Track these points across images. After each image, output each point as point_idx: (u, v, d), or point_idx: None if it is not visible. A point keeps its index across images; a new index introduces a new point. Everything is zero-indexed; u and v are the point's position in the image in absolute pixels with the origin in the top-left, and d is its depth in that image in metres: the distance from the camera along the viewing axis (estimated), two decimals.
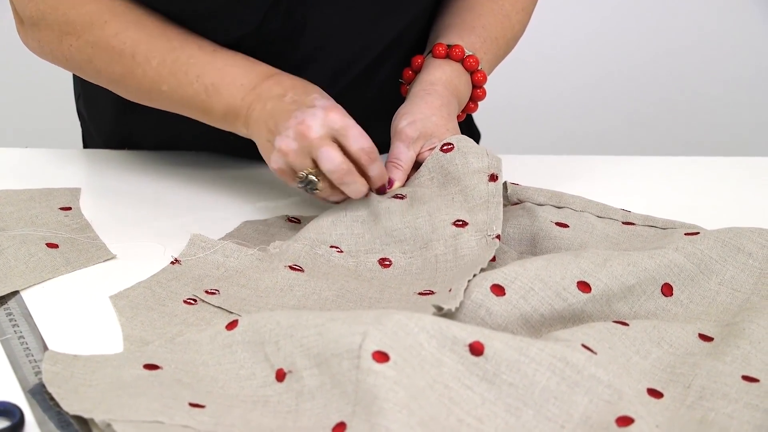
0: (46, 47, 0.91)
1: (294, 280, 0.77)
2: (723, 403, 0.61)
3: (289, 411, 0.60)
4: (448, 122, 0.89)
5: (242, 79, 0.86)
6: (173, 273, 0.79)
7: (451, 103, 0.91)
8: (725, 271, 0.76)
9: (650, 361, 0.65)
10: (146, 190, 0.97)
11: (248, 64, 0.87)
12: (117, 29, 0.87)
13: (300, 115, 0.81)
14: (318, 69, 0.94)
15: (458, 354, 0.60)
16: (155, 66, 0.87)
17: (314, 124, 0.80)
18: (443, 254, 0.80)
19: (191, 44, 0.87)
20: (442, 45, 0.94)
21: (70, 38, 0.88)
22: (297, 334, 0.62)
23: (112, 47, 0.87)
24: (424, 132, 0.88)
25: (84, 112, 1.14)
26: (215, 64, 0.86)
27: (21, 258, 0.79)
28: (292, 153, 0.81)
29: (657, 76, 2.41)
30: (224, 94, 0.86)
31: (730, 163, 1.08)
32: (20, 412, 0.60)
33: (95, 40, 0.87)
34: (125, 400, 0.60)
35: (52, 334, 0.70)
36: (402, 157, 0.87)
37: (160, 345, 0.67)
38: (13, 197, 0.92)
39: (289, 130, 0.81)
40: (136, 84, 0.89)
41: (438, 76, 0.92)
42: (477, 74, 0.95)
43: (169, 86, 0.87)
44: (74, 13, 0.87)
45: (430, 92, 0.91)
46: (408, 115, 0.88)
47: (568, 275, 0.71)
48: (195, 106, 0.88)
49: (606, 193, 0.93)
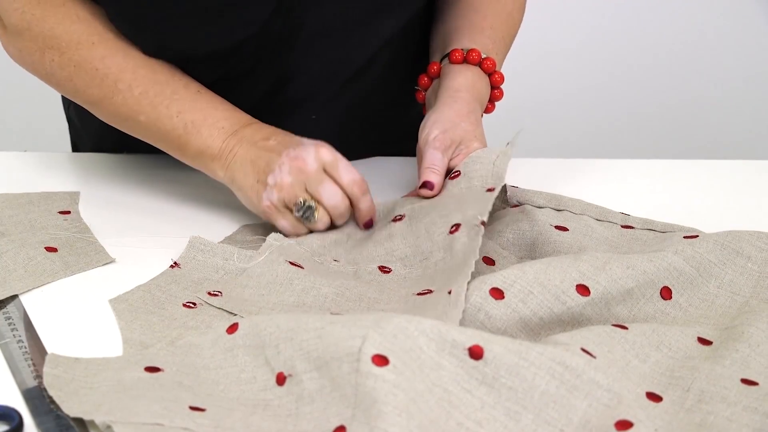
0: (27, 58, 0.91)
1: (294, 273, 0.78)
2: (722, 407, 0.61)
3: (289, 414, 0.60)
4: (476, 128, 0.91)
5: (223, 122, 0.87)
6: (172, 276, 0.79)
7: (476, 110, 0.93)
8: (724, 274, 0.76)
9: (649, 364, 0.65)
10: (145, 193, 0.97)
11: (230, 109, 0.89)
12: (104, 53, 0.88)
13: (292, 151, 0.83)
14: (314, 68, 0.95)
15: (458, 357, 0.60)
16: (137, 95, 0.88)
17: (308, 158, 0.83)
18: (441, 259, 0.80)
19: (177, 81, 0.89)
20: (459, 50, 0.95)
21: (53, 53, 0.88)
22: (297, 337, 0.62)
23: (96, 69, 0.88)
24: (454, 140, 0.89)
25: (75, 117, 1.14)
26: (198, 104, 0.88)
27: (20, 262, 0.79)
28: (288, 186, 0.83)
29: (656, 79, 2.41)
30: (203, 134, 0.87)
31: (730, 166, 1.08)
32: (19, 416, 0.60)
33: (79, 59, 0.88)
34: (126, 402, 0.60)
35: (51, 338, 0.70)
36: (438, 164, 0.88)
37: (161, 348, 0.67)
38: (12, 201, 0.92)
39: (284, 165, 0.83)
40: (113, 109, 0.89)
41: (461, 82, 0.94)
42: (494, 75, 0.97)
43: (147, 117, 0.88)
44: (61, 29, 0.88)
45: (456, 99, 0.92)
46: (438, 123, 0.90)
47: (567, 278, 0.71)
48: (170, 140, 0.89)
49: (605, 196, 0.93)
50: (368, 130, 1.04)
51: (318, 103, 0.97)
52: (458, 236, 0.80)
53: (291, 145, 0.84)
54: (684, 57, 2.40)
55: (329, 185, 0.83)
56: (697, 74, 2.41)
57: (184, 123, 0.87)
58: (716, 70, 2.41)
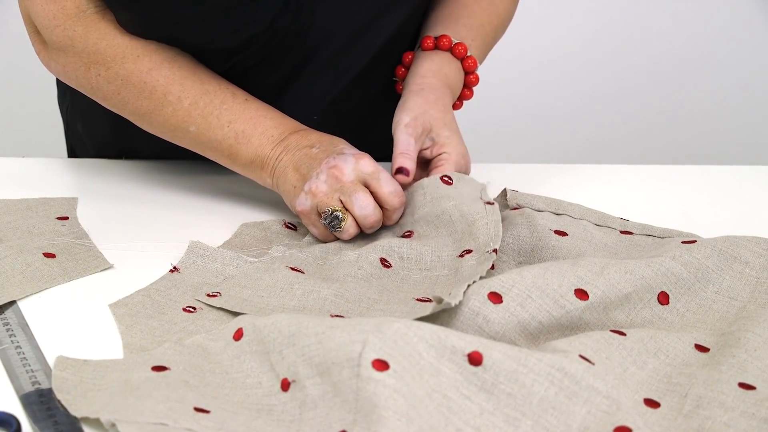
0: (72, 73, 0.91)
1: (294, 278, 0.78)
2: (720, 412, 0.61)
3: (292, 420, 0.60)
4: (445, 115, 0.92)
5: (272, 131, 0.89)
6: (172, 281, 0.79)
7: (445, 95, 0.94)
8: (722, 279, 0.76)
9: (647, 371, 0.65)
10: (143, 198, 0.97)
11: (279, 116, 0.90)
12: (150, 65, 0.88)
13: (332, 160, 0.85)
14: (324, 64, 0.95)
15: (457, 363, 0.60)
16: (186, 106, 0.89)
17: (346, 168, 0.84)
18: (445, 276, 0.80)
19: (224, 90, 0.90)
20: (430, 37, 0.97)
21: (99, 68, 0.89)
22: (299, 342, 0.62)
23: (144, 82, 0.88)
24: (425, 127, 0.90)
25: (75, 123, 1.14)
26: (248, 113, 0.89)
27: (18, 268, 0.79)
28: (321, 194, 0.84)
29: (655, 85, 2.41)
30: (254, 143, 0.89)
31: (728, 171, 1.08)
32: (17, 422, 0.60)
33: (126, 73, 0.88)
34: (131, 402, 0.60)
35: (50, 343, 0.70)
36: (411, 149, 0.89)
37: (169, 347, 0.68)
38: (10, 207, 0.92)
39: (322, 173, 0.85)
40: (162, 120, 0.90)
41: (427, 67, 0.95)
42: (467, 60, 0.98)
43: (197, 128, 0.89)
44: (105, 44, 0.88)
45: (422, 86, 0.93)
46: (408, 111, 0.91)
47: (565, 283, 0.71)
48: (221, 150, 0.90)
49: (604, 201, 0.93)
50: (369, 133, 1.04)
51: (322, 103, 0.98)
52: (467, 259, 0.80)
53: (333, 153, 0.86)
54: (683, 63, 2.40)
55: (362, 195, 0.84)
56: (696, 80, 2.41)
57: (234, 133, 0.89)
58: (715, 76, 2.41)
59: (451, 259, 0.82)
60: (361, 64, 0.97)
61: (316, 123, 0.95)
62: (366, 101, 1.01)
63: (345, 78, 0.97)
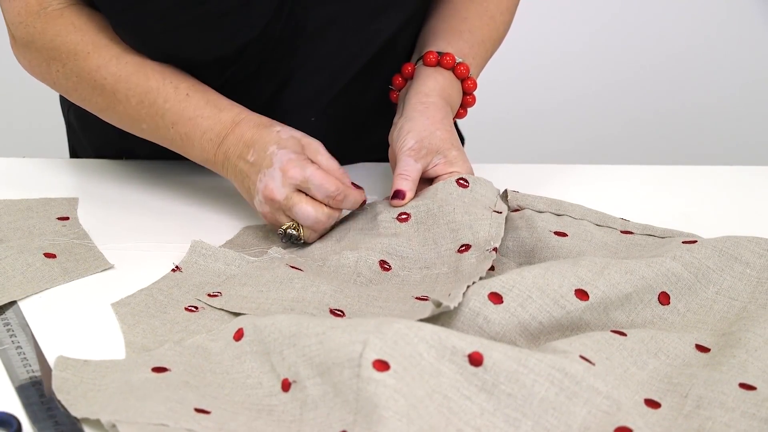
0: (36, 69, 0.92)
1: (294, 274, 0.78)
2: (720, 412, 0.61)
3: (293, 420, 0.60)
4: (451, 136, 0.91)
5: (210, 134, 0.88)
6: (174, 280, 0.79)
7: (449, 115, 0.93)
8: (722, 280, 0.76)
9: (647, 372, 0.65)
10: (144, 198, 0.97)
11: (215, 111, 0.88)
12: (99, 63, 0.88)
13: (263, 178, 0.84)
14: (318, 67, 0.95)
15: (457, 364, 0.60)
16: (135, 105, 0.89)
17: (275, 186, 0.84)
18: (445, 274, 0.80)
19: (167, 86, 0.89)
20: (433, 53, 0.95)
21: (57, 64, 0.90)
22: (299, 343, 0.62)
23: (94, 80, 0.89)
24: (431, 149, 0.89)
25: (76, 122, 1.14)
26: (187, 113, 0.88)
27: (18, 268, 0.79)
28: (269, 215, 0.86)
29: (656, 84, 2.41)
30: (197, 147, 0.89)
31: (729, 172, 1.08)
32: (17, 422, 0.60)
33: (78, 70, 0.89)
34: (132, 403, 0.60)
35: (50, 344, 0.70)
36: (410, 170, 0.88)
37: (169, 348, 0.68)
38: (11, 207, 0.92)
39: (259, 194, 0.85)
40: (117, 117, 0.91)
41: (432, 86, 0.94)
42: (467, 81, 0.97)
43: (148, 126, 0.90)
44: (60, 41, 0.89)
45: (428, 105, 0.92)
46: (413, 132, 0.89)
47: (565, 283, 0.71)
48: (175, 148, 0.91)
49: (604, 201, 0.93)
50: (367, 135, 1.04)
51: (318, 106, 0.98)
52: (467, 257, 0.80)
53: (263, 166, 0.85)
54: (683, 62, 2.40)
55: (300, 207, 0.83)
56: (696, 80, 2.41)
57: (179, 135, 0.89)
58: (715, 76, 2.41)
59: (450, 255, 0.81)
60: (357, 67, 0.97)
61: (314, 125, 0.95)
62: (364, 103, 1.01)
63: (341, 80, 0.97)
